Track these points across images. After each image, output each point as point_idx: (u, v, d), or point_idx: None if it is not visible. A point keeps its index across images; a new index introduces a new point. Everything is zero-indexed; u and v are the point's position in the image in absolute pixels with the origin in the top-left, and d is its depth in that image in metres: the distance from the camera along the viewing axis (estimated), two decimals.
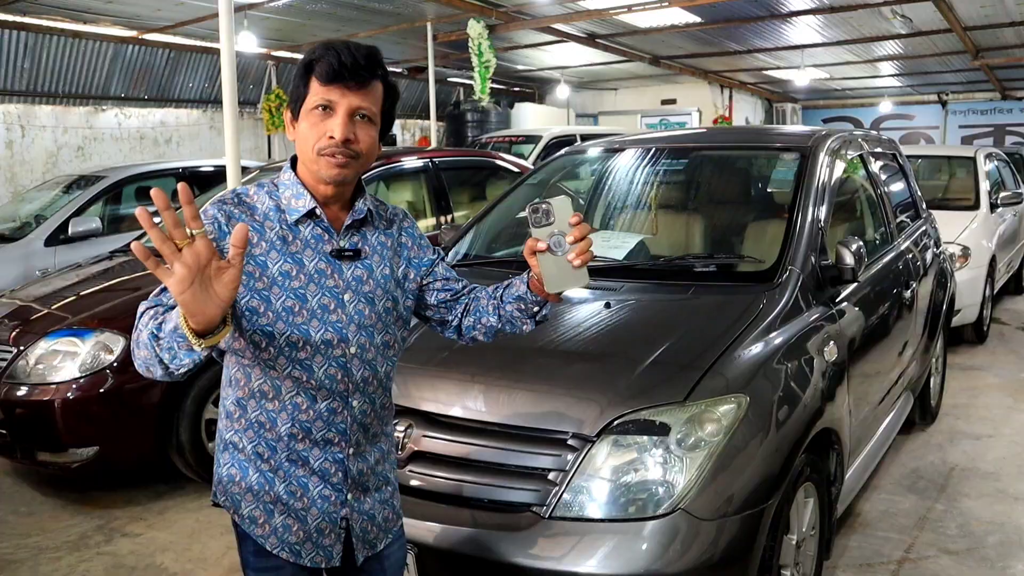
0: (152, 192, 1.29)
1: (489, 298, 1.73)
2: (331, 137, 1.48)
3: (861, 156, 3.84)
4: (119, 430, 3.73)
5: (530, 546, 2.03)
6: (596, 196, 3.99)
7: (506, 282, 1.72)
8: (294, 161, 1.59)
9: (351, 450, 1.61)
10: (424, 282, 1.73)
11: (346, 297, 1.56)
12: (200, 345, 1.29)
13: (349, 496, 1.62)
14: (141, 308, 1.45)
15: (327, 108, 1.49)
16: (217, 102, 12.09)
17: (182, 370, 1.36)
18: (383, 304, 1.61)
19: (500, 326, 1.72)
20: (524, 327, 1.70)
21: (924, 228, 4.50)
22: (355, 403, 1.59)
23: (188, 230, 1.24)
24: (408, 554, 2.13)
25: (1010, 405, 4.94)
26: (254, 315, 1.50)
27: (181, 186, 1.27)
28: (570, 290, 1.58)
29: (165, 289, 1.40)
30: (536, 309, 1.66)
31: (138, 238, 2.37)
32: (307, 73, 1.50)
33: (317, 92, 1.49)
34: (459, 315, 1.76)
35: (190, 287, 1.23)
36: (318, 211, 1.55)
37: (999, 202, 6.80)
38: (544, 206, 1.52)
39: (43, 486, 4.07)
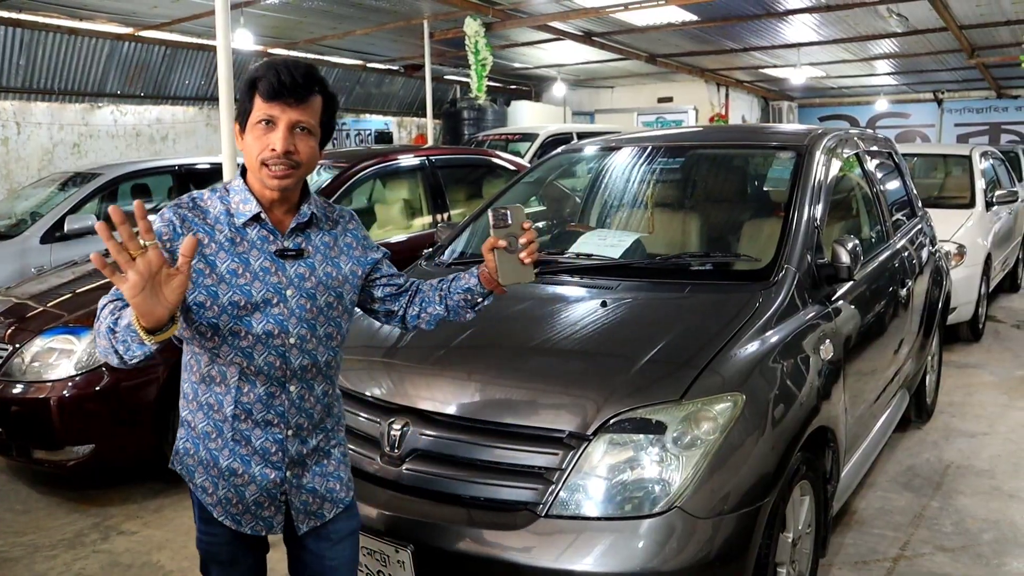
0: (109, 210, 1.42)
1: (434, 290, 1.95)
2: (273, 149, 1.63)
3: (857, 155, 3.85)
4: (115, 428, 3.73)
5: (527, 544, 2.03)
6: (592, 194, 3.99)
7: (451, 276, 1.95)
8: (244, 169, 1.74)
9: (290, 432, 1.76)
10: (370, 278, 1.91)
11: (288, 293, 1.71)
12: (149, 340, 1.48)
13: (288, 473, 1.78)
14: (102, 302, 1.62)
15: (270, 123, 1.64)
16: (213, 99, 12.07)
17: (134, 360, 1.55)
18: (325, 299, 1.76)
19: (446, 314, 1.94)
20: (467, 315, 1.94)
21: (920, 226, 4.51)
22: (292, 388, 1.74)
23: (142, 241, 1.41)
24: (404, 552, 2.15)
25: (1005, 403, 4.96)
26: (201, 308, 1.66)
27: (136, 203, 1.45)
28: (517, 284, 1.81)
29: None
30: (480, 300, 1.91)
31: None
32: (251, 90, 1.65)
33: (260, 108, 1.64)
34: (403, 306, 1.96)
35: (141, 292, 1.41)
36: (263, 215, 1.71)
37: (994, 200, 6.81)
38: (504, 211, 1.79)
39: (39, 484, 4.06)
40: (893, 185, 4.43)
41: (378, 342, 2.77)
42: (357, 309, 1.94)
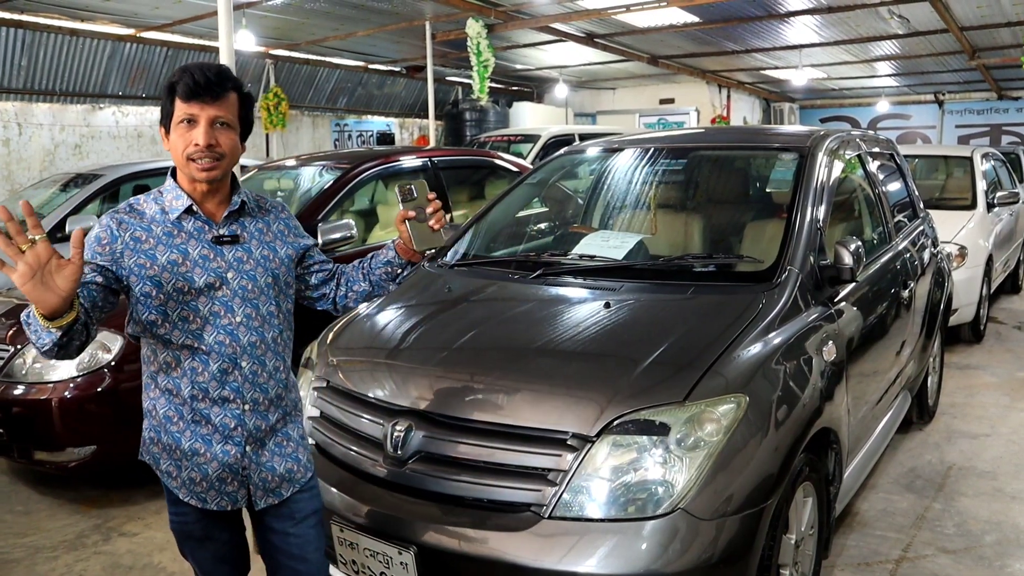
0: None
1: (357, 269, 2.13)
2: (197, 144, 1.79)
3: (859, 156, 3.85)
4: (116, 429, 3.72)
5: (530, 546, 2.03)
6: (595, 196, 4.00)
7: (370, 256, 2.12)
8: (174, 171, 1.90)
9: (247, 406, 1.90)
10: (304, 265, 2.08)
11: (229, 275, 1.88)
12: (48, 326, 1.59)
13: (248, 449, 1.91)
14: None
15: (191, 121, 1.80)
16: None
17: (45, 348, 1.65)
18: (264, 280, 1.92)
19: (371, 289, 2.12)
20: (389, 287, 2.13)
21: (921, 228, 4.51)
22: (244, 364, 1.89)
23: (30, 235, 1.52)
24: (407, 553, 2.15)
25: (1007, 404, 4.95)
26: (148, 298, 1.82)
27: (23, 203, 1.56)
28: (431, 249, 2.05)
29: None
30: (399, 271, 2.10)
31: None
32: (171, 94, 1.81)
33: (181, 108, 1.79)
34: (333, 288, 2.13)
35: (31, 280, 1.52)
36: (194, 208, 1.87)
37: (996, 202, 6.81)
38: (409, 186, 2.02)
39: (40, 485, 4.07)
40: (895, 186, 4.43)
41: (380, 343, 2.77)
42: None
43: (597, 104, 18.19)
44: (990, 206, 6.81)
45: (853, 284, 2.96)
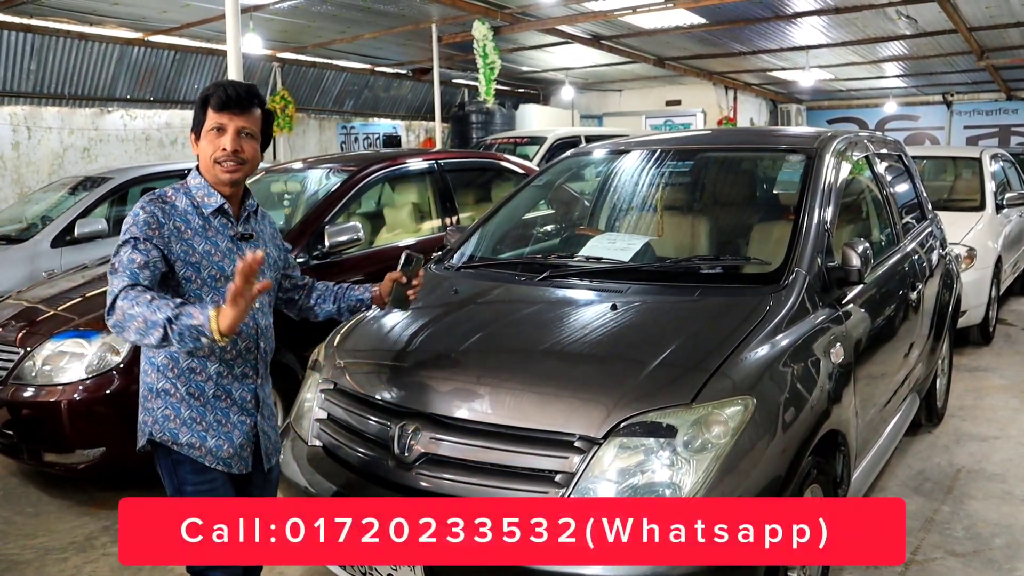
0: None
1: (330, 291, 2.45)
2: (224, 149, 2.05)
3: (867, 157, 3.83)
4: (125, 431, 3.72)
5: None
6: (602, 198, 4.00)
7: (346, 286, 2.46)
8: (198, 169, 2.13)
9: (259, 380, 2.20)
10: (283, 267, 2.36)
11: None
12: (223, 341, 1.85)
13: (259, 418, 2.20)
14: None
15: (220, 129, 2.06)
16: None
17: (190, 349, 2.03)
18: (270, 273, 2.24)
19: (336, 314, 2.45)
20: (348, 316, 2.48)
21: (930, 229, 4.49)
22: (262, 344, 2.20)
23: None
24: None
25: (1016, 407, 4.93)
26: (188, 282, 2.05)
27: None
28: (397, 308, 2.46)
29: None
30: (364, 310, 2.48)
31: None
32: (204, 105, 2.07)
33: (212, 118, 2.06)
34: (303, 297, 2.44)
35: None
36: (226, 207, 2.13)
37: (1005, 203, 6.78)
38: (413, 256, 2.42)
39: (49, 487, 4.08)
40: (903, 188, 4.41)
41: (387, 346, 2.78)
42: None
43: (603, 106, 18.19)
44: (999, 207, 6.78)
45: (861, 286, 2.96)
